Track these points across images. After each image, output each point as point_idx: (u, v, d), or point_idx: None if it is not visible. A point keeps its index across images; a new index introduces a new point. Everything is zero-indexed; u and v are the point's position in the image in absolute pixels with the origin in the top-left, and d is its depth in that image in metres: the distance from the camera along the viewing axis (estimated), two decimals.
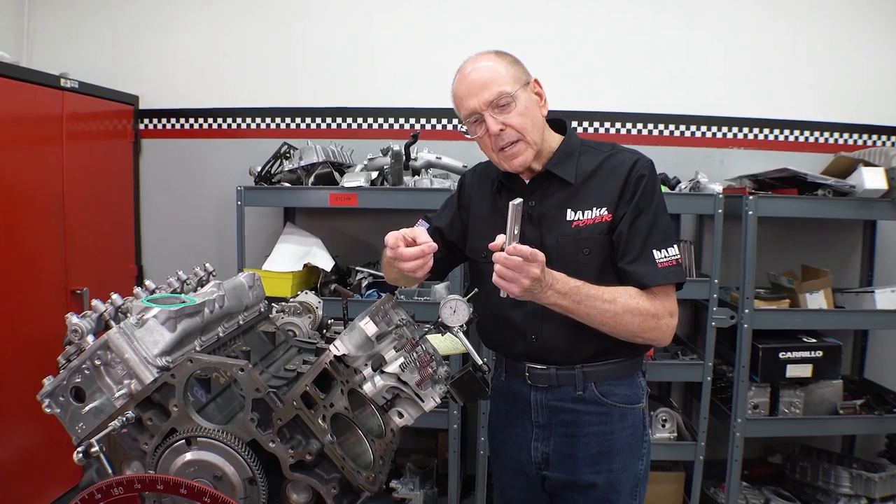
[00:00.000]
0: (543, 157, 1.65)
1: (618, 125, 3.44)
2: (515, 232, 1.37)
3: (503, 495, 1.88)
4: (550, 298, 1.45)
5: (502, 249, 1.37)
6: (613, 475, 1.66)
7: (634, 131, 3.44)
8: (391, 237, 1.50)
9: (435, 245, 1.48)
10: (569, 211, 1.61)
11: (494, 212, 1.73)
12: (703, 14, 3.41)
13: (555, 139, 1.68)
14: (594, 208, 1.59)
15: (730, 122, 3.42)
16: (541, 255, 1.38)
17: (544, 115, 1.65)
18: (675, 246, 1.59)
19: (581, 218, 1.60)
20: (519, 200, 1.37)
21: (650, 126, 3.44)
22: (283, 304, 1.78)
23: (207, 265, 1.67)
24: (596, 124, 3.43)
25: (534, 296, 1.43)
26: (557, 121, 1.73)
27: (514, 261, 1.35)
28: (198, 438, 1.16)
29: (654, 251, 1.56)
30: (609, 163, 1.63)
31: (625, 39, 3.42)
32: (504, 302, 1.67)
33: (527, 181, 1.68)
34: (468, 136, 1.64)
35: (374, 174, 3.08)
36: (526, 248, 1.35)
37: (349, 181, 2.99)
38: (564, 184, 1.63)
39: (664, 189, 3.02)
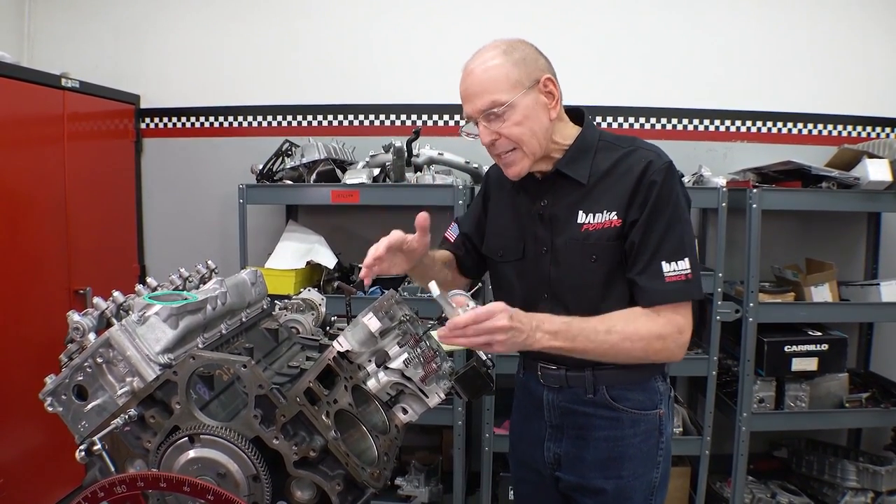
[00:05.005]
0: (555, 155, 1.57)
1: (620, 119, 3.43)
2: (454, 308, 1.36)
3: (518, 491, 1.86)
4: (542, 341, 1.38)
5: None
6: (623, 482, 1.60)
7: (637, 125, 3.42)
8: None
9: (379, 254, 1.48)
10: (580, 212, 1.53)
11: (511, 209, 1.67)
12: (705, 7, 3.39)
13: (570, 134, 1.59)
14: (604, 212, 1.51)
15: (733, 115, 3.41)
16: (497, 306, 1.33)
17: (553, 117, 1.53)
18: (687, 259, 1.47)
19: (591, 221, 1.52)
20: (437, 292, 1.37)
21: (653, 120, 3.42)
22: (286, 301, 1.77)
23: (209, 262, 1.66)
24: (598, 119, 3.42)
25: (524, 344, 1.37)
26: (574, 110, 1.63)
27: (474, 329, 1.31)
28: (201, 436, 1.15)
29: (664, 263, 1.46)
30: (625, 162, 1.52)
31: (627, 33, 3.41)
32: (515, 302, 1.64)
33: (539, 178, 1.61)
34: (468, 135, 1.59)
35: (377, 171, 3.07)
36: (468, 316, 1.30)
37: (351, 178, 2.98)
38: (577, 183, 1.55)
39: None
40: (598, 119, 3.41)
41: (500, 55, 1.49)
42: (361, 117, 3.50)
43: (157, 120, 3.62)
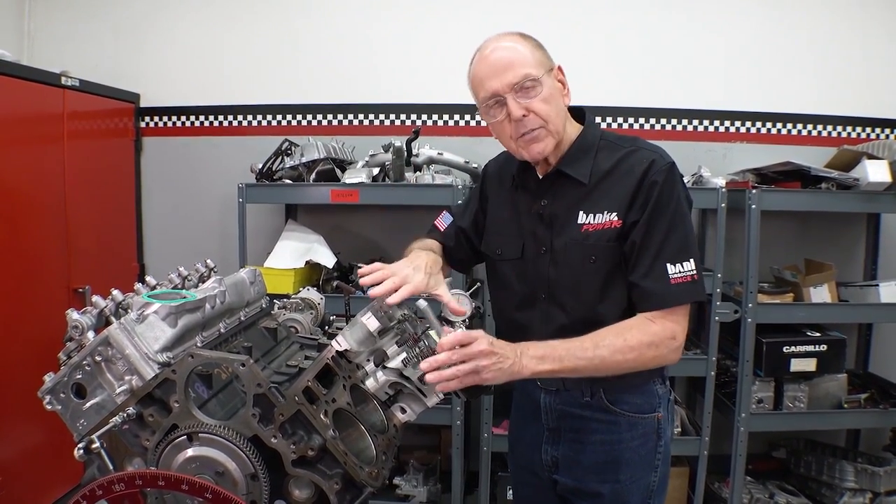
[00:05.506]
0: (561, 150, 1.56)
1: (619, 119, 3.43)
2: (441, 327, 1.33)
3: (517, 493, 1.86)
4: (530, 366, 1.34)
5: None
6: (620, 486, 1.59)
7: (636, 126, 3.42)
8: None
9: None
10: (580, 213, 1.52)
11: (511, 208, 1.66)
12: (704, 8, 3.39)
13: (573, 132, 1.58)
14: (605, 212, 1.50)
15: (732, 116, 3.41)
16: (475, 333, 1.29)
17: (566, 104, 1.56)
18: (692, 260, 1.46)
19: (591, 222, 1.50)
20: (424, 304, 1.34)
21: (652, 120, 3.42)
22: (285, 300, 1.77)
23: (208, 261, 1.66)
24: (598, 119, 3.41)
25: (513, 371, 1.32)
26: (576, 109, 1.62)
27: (458, 354, 1.27)
28: (199, 434, 1.15)
29: (668, 265, 1.44)
30: (626, 162, 1.51)
31: (626, 34, 3.41)
32: (511, 304, 1.63)
33: (540, 176, 1.60)
34: (483, 122, 1.55)
35: (376, 170, 3.07)
36: (451, 337, 1.26)
37: (350, 177, 2.98)
38: (578, 183, 1.53)
39: None
40: (598, 119, 3.40)
41: (519, 38, 1.52)
42: (361, 117, 3.50)
43: (156, 119, 3.62)
